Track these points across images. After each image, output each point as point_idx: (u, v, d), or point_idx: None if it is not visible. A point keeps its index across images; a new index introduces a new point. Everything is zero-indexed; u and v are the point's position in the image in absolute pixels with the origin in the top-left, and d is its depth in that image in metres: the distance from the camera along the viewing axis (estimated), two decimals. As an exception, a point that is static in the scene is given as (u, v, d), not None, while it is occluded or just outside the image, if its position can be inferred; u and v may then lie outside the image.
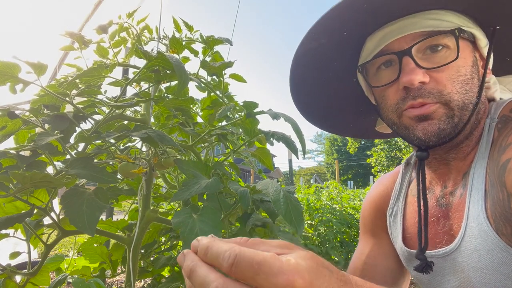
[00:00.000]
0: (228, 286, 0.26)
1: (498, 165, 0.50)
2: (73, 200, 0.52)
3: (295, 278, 0.26)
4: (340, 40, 0.61)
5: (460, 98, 0.54)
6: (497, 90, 0.62)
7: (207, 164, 0.72)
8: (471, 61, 0.56)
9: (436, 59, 0.55)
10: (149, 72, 0.74)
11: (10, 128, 0.64)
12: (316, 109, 0.78)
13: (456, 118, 0.54)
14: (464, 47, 0.55)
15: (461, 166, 0.60)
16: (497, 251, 0.49)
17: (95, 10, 1.95)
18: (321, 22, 0.56)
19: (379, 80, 0.61)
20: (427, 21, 0.54)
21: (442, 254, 0.59)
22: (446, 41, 0.54)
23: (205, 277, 0.27)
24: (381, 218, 0.78)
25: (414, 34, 0.55)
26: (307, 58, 0.65)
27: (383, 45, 0.58)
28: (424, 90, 0.54)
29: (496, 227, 0.49)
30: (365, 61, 0.61)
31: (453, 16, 0.55)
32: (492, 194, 0.50)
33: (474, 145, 0.59)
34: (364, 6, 0.53)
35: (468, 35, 0.56)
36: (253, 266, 0.26)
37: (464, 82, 0.54)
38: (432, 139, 0.55)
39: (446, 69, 0.54)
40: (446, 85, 0.54)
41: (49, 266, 0.87)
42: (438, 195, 0.64)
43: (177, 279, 0.89)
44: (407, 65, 0.55)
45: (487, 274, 0.51)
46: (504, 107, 0.58)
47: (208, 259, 0.29)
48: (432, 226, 0.63)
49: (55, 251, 3.77)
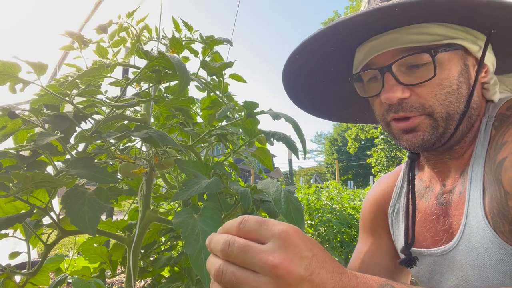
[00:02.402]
0: (235, 239, 0.34)
1: (494, 164, 0.51)
2: (74, 200, 0.52)
3: (289, 227, 0.34)
4: (329, 52, 0.62)
5: (443, 109, 0.54)
6: (496, 91, 0.61)
7: (207, 164, 0.72)
8: (458, 70, 0.55)
9: (418, 73, 0.55)
10: (150, 72, 0.74)
11: (10, 128, 0.64)
12: (321, 106, 0.79)
13: (440, 129, 0.55)
14: (450, 57, 0.55)
15: (459, 164, 0.61)
16: (495, 249, 0.49)
17: (95, 10, 1.95)
18: (303, 44, 0.57)
19: (368, 90, 0.63)
20: (409, 36, 0.54)
21: (441, 252, 0.59)
22: (426, 57, 0.54)
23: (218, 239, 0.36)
24: (382, 217, 0.79)
25: (396, 50, 0.55)
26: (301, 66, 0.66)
27: (368, 59, 0.59)
28: (406, 104, 0.55)
29: (494, 224, 0.50)
30: (355, 72, 0.63)
31: (438, 28, 0.54)
32: (490, 192, 0.51)
33: (470, 144, 0.60)
34: (340, 31, 0.53)
35: (455, 46, 0.55)
36: (257, 221, 0.35)
37: (448, 94, 0.54)
38: (416, 149, 0.57)
39: (428, 83, 0.54)
40: (427, 99, 0.54)
41: (49, 266, 0.87)
42: (437, 193, 0.64)
43: (177, 279, 0.89)
44: (387, 82, 0.56)
45: (485, 272, 0.51)
46: (501, 106, 0.58)
47: (223, 231, 0.37)
48: (432, 225, 0.63)
49: (55, 251, 3.76)
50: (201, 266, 0.47)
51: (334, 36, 0.56)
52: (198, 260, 0.48)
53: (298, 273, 0.32)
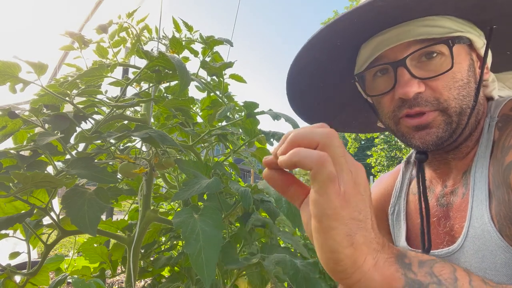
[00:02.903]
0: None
1: (502, 166, 0.50)
2: (75, 200, 0.52)
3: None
4: (334, 49, 0.61)
5: (457, 104, 0.54)
6: (495, 88, 0.62)
7: (207, 164, 0.72)
8: (467, 64, 0.55)
9: (431, 66, 0.54)
10: (150, 72, 0.74)
11: (10, 128, 0.64)
12: (318, 114, 0.78)
13: (454, 124, 0.54)
14: (460, 51, 0.55)
15: (461, 165, 0.60)
16: (500, 252, 0.49)
17: (95, 10, 1.95)
18: (315, 37, 0.56)
19: (375, 88, 0.61)
20: (420, 28, 0.53)
21: (445, 255, 0.58)
22: (440, 48, 0.53)
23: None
24: (382, 217, 0.78)
25: (408, 43, 0.54)
26: (304, 69, 0.65)
27: (377, 54, 0.57)
28: (421, 98, 0.54)
29: (500, 228, 0.49)
30: (360, 70, 0.61)
31: (447, 21, 0.54)
32: (497, 195, 0.50)
33: (474, 144, 0.59)
34: (355, 21, 0.52)
35: (463, 39, 0.55)
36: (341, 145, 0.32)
37: (461, 88, 0.54)
38: (430, 147, 0.56)
39: (442, 77, 0.53)
40: (442, 93, 0.53)
41: (49, 266, 0.87)
42: (438, 195, 0.64)
43: (177, 279, 0.89)
44: (402, 76, 0.54)
45: (490, 275, 0.50)
46: (504, 106, 0.58)
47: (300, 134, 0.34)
48: (433, 227, 0.63)
49: (55, 251, 3.76)
50: (201, 266, 0.47)
51: (345, 27, 0.54)
52: (198, 260, 0.48)
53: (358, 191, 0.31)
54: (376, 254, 0.32)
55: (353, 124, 0.84)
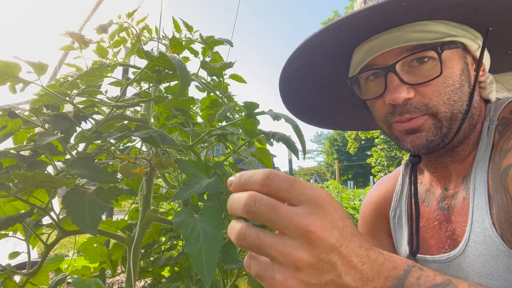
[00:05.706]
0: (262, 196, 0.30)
1: (499, 171, 0.50)
2: (75, 200, 0.52)
3: (324, 193, 0.30)
4: (326, 53, 0.61)
5: (447, 109, 0.54)
6: (493, 90, 0.61)
7: (207, 164, 0.72)
8: (460, 69, 0.55)
9: (421, 71, 0.54)
10: (150, 72, 0.74)
11: (10, 128, 0.64)
12: (316, 113, 0.78)
13: (444, 129, 0.54)
14: (452, 55, 0.54)
15: (461, 169, 0.60)
16: (502, 257, 0.49)
17: (95, 10, 1.95)
18: (306, 42, 0.56)
19: (368, 91, 0.61)
20: (411, 34, 0.53)
21: (446, 259, 0.58)
22: (430, 53, 0.53)
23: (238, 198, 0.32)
24: (383, 220, 0.78)
25: (398, 49, 0.54)
26: (296, 73, 0.65)
27: (369, 59, 0.57)
28: (410, 105, 0.54)
29: (501, 232, 0.49)
30: (353, 74, 0.62)
31: (439, 25, 0.53)
32: (497, 200, 0.50)
33: (472, 147, 0.59)
34: (343, 28, 0.52)
35: (456, 44, 0.54)
36: (289, 180, 0.30)
37: (452, 93, 0.54)
38: (421, 150, 0.56)
39: (432, 82, 0.53)
40: (432, 98, 0.53)
41: (48, 266, 0.87)
42: (439, 198, 0.63)
43: (177, 279, 0.89)
44: (391, 82, 0.54)
45: (492, 280, 0.50)
46: (503, 109, 0.57)
47: (240, 183, 0.33)
48: (435, 231, 0.62)
49: (55, 251, 3.76)
50: (201, 266, 0.47)
51: (337, 32, 0.54)
52: (198, 260, 0.48)
53: (330, 241, 0.29)
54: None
55: (353, 122, 0.84)
